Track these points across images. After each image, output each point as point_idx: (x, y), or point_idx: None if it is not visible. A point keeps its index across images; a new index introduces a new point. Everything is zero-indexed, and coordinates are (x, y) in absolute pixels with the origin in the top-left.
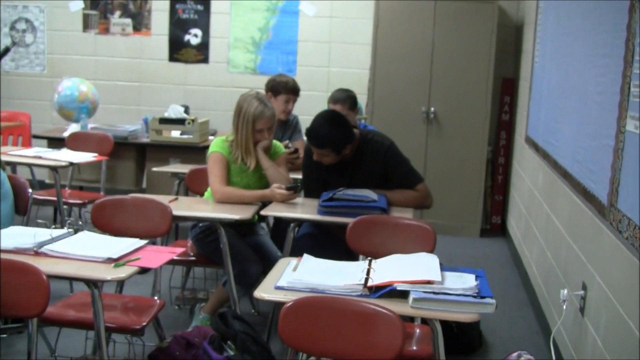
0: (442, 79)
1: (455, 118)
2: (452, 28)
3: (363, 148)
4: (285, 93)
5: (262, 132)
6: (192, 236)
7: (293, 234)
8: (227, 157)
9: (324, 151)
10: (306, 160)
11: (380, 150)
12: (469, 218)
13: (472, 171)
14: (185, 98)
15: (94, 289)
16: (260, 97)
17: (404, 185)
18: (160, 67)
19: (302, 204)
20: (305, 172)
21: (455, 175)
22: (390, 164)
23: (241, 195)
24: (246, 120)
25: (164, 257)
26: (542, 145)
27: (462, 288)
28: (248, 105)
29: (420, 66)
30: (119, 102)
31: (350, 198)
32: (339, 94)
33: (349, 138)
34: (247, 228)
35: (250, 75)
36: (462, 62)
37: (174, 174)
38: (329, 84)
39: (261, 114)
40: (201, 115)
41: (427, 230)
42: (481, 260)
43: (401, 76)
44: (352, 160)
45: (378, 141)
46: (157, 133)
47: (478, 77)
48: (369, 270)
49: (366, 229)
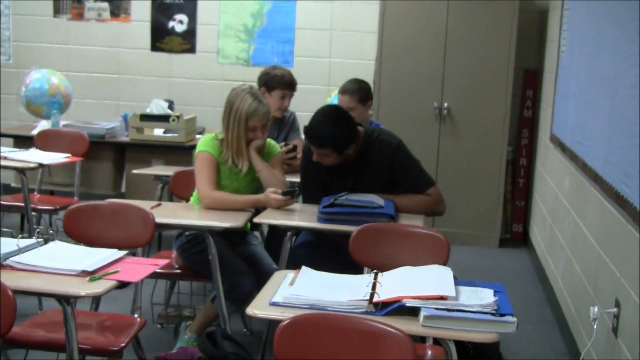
0: (457, 71)
1: (471, 115)
2: (468, 14)
3: (368, 148)
4: (280, 88)
5: (256, 130)
6: (177, 246)
7: (290, 243)
8: (217, 158)
9: (324, 151)
10: (305, 162)
11: (387, 150)
12: (487, 226)
13: (490, 174)
14: (169, 92)
15: (66, 306)
16: (254, 92)
17: (413, 189)
18: (141, 58)
19: (300, 210)
20: (303, 174)
21: (472, 178)
22: (399, 166)
23: (232, 200)
24: (238, 117)
25: (145, 270)
26: (570, 144)
27: (479, 304)
28: (240, 102)
29: (432, 57)
30: (94, 96)
31: (353, 204)
32: (349, 84)
33: (352, 137)
34: (239, 237)
35: (242, 67)
36: (479, 52)
37: (156, 177)
38: (330, 76)
39: (255, 111)
40: (187, 111)
41: (439, 240)
42: (500, 273)
43: (411, 68)
44: (356, 161)
45: (385, 140)
46: (137, 131)
47: (497, 69)
48: (375, 285)
49: (371, 238)
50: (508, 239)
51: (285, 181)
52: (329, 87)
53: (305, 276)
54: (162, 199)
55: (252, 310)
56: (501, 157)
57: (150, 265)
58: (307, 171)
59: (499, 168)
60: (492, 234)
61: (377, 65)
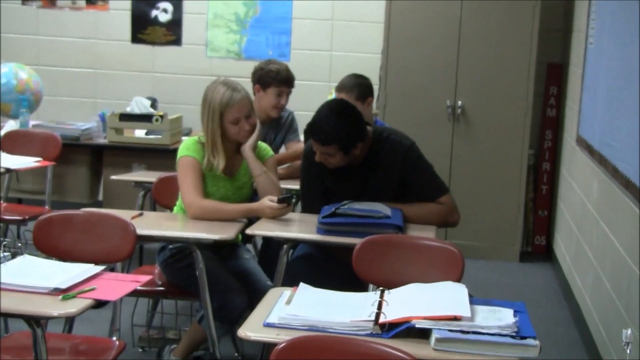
0: (472, 65)
1: (488, 114)
2: (485, 1)
3: (377, 149)
4: (276, 84)
5: (240, 122)
6: (160, 261)
7: (286, 257)
8: (202, 163)
9: (329, 149)
10: (306, 165)
11: (398, 152)
12: (506, 238)
13: (510, 180)
14: (152, 89)
15: (37, 328)
16: (226, 82)
17: (425, 196)
18: (120, 50)
19: (297, 220)
20: (304, 180)
21: (489, 185)
22: (410, 170)
23: (222, 209)
24: (212, 111)
25: (125, 288)
26: (598, 147)
27: (497, 326)
28: (213, 94)
29: (445, 49)
30: (68, 93)
31: (357, 213)
32: (346, 80)
33: (359, 134)
34: (229, 251)
35: (233, 61)
36: (497, 44)
37: (137, 184)
38: (331, 71)
39: (230, 100)
40: (172, 110)
41: (453, 254)
42: (521, 290)
43: (420, 62)
44: (364, 164)
45: (396, 140)
46: (116, 132)
47: (517, 63)
48: (381, 303)
49: (377, 251)
50: (530, 252)
51: (280, 188)
52: (329, 84)
53: (303, 294)
54: (144, 208)
55: (244, 332)
56: (522, 162)
57: (131, 282)
58: (308, 176)
59: (519, 174)
60: (511, 247)
61: (383, 59)
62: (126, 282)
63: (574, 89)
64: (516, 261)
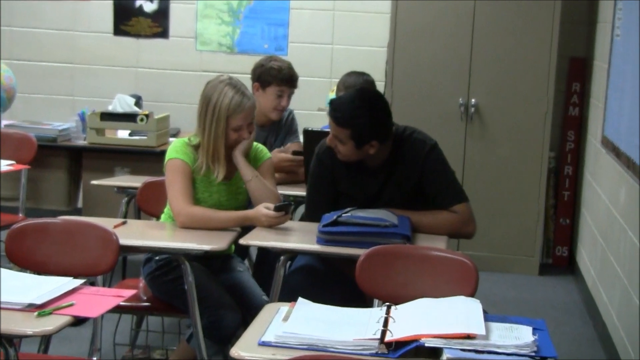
0: (487, 60)
1: (505, 113)
2: None
3: (399, 148)
4: (277, 84)
5: (241, 130)
6: (145, 274)
7: (284, 270)
8: (192, 166)
9: (341, 132)
10: (317, 166)
11: (420, 151)
12: (524, 249)
13: (528, 185)
14: (136, 85)
15: (9, 348)
16: (234, 84)
17: (440, 202)
18: (101, 43)
19: (295, 229)
20: (312, 182)
21: (505, 190)
22: (430, 170)
23: (214, 217)
24: (217, 115)
25: (106, 303)
26: (625, 149)
27: (514, 345)
28: (220, 96)
29: (457, 42)
30: (44, 90)
31: (360, 222)
32: (349, 79)
33: (379, 131)
34: (222, 263)
35: (225, 55)
36: (515, 37)
37: (120, 189)
38: (332, 67)
39: (239, 107)
40: (158, 109)
41: (466, 266)
42: (541, 306)
43: (430, 56)
44: (384, 166)
45: (419, 139)
46: (97, 133)
47: (536, 57)
48: (387, 320)
49: (383, 263)
50: (550, 264)
51: (278, 194)
52: (330, 80)
53: (302, 310)
54: (128, 216)
55: (237, 351)
56: (541, 165)
57: (113, 297)
58: (318, 179)
59: (538, 178)
60: (530, 259)
61: (389, 53)
62: (108, 297)
63: (599, 85)
64: (535, 274)
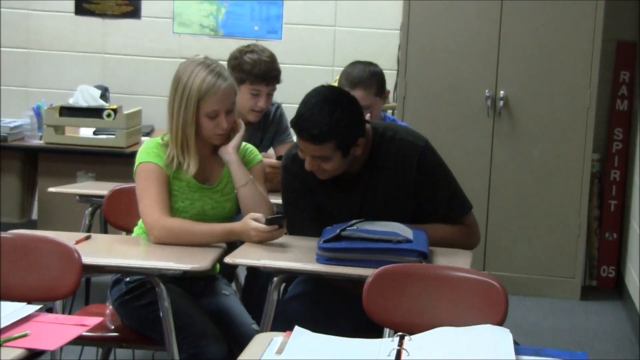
0: (518, 45)
1: (539, 107)
2: None
3: (380, 151)
4: (251, 82)
5: (217, 116)
6: (113, 298)
7: (277, 294)
8: (167, 170)
9: (323, 149)
10: (286, 178)
11: (411, 155)
12: (563, 269)
13: (567, 193)
14: (103, 75)
15: None
16: (209, 64)
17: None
18: (61, 25)
19: (291, 245)
20: (287, 197)
21: (540, 199)
22: (426, 179)
23: (194, 231)
24: (187, 98)
25: (67, 333)
26: None
27: None
28: (191, 77)
29: (483, 24)
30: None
31: (368, 236)
32: (359, 72)
33: (361, 127)
34: (204, 285)
35: (208, 39)
36: (551, 17)
37: (84, 198)
38: (335, 53)
39: (211, 88)
40: (129, 103)
41: (494, 289)
42: (583, 336)
43: (451, 40)
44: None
45: (407, 140)
46: (56, 131)
47: (577, 42)
48: (400, 353)
49: (395, 285)
50: (594, 287)
51: (271, 203)
52: (333, 69)
53: (299, 340)
54: (92, 230)
55: None
56: (583, 169)
57: (74, 325)
58: (291, 192)
59: (579, 185)
60: (570, 281)
61: (402, 37)
62: (68, 326)
63: None
64: (576, 298)
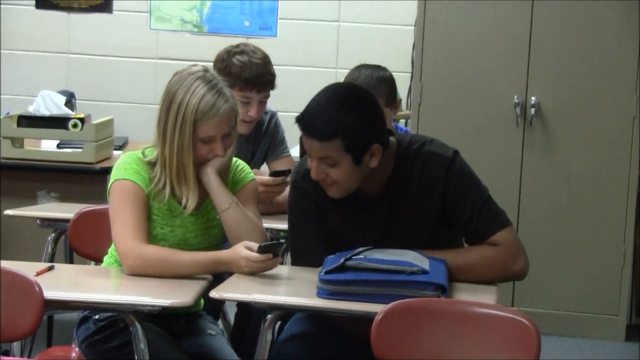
0: (552, 45)
1: (576, 116)
2: None
3: (405, 167)
4: (240, 88)
5: (214, 142)
6: (81, 339)
7: (272, 333)
8: (147, 190)
9: (329, 150)
10: (296, 197)
11: (438, 168)
12: (605, 305)
13: (610, 215)
14: (68, 78)
15: None
16: (210, 78)
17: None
18: (21, 20)
19: (288, 277)
20: (294, 219)
21: (578, 223)
22: (454, 193)
23: (174, 260)
24: (182, 119)
25: None
26: None
27: None
28: (188, 93)
29: (512, 19)
30: None
31: (377, 267)
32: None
33: (377, 128)
34: (186, 323)
35: (190, 37)
36: (589, 14)
37: (46, 222)
38: (339, 54)
39: (210, 110)
40: (99, 111)
41: (524, 328)
42: None
43: (474, 38)
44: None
45: (433, 152)
46: (13, 144)
47: (619, 42)
48: None
49: (409, 324)
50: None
51: (263, 229)
52: (336, 71)
53: None
54: (56, 259)
55: None
56: (628, 187)
57: None
58: (300, 214)
59: (624, 205)
60: (614, 318)
61: (417, 34)
62: None
63: None
64: (621, 339)
